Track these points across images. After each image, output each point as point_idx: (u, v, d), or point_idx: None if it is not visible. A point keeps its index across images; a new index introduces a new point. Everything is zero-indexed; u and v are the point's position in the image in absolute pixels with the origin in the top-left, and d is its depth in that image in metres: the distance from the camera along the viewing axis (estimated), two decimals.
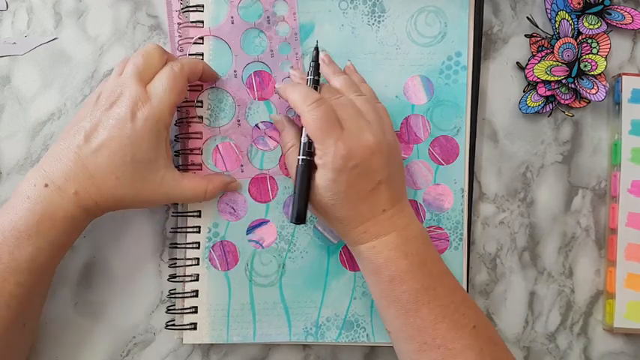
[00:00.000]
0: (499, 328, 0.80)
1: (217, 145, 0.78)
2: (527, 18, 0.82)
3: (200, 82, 0.78)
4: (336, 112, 0.69)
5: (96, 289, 0.79)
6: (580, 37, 0.80)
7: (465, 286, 0.78)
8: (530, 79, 0.80)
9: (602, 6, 0.81)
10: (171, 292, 0.78)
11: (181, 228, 0.78)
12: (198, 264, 0.77)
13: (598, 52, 0.80)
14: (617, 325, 0.78)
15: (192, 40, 0.78)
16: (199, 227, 0.77)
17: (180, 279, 0.77)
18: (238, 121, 0.78)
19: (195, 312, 0.77)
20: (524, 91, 0.81)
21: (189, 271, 0.77)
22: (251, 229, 0.78)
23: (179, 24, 0.78)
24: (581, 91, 0.79)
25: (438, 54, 0.79)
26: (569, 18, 0.80)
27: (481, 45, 0.80)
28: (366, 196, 0.68)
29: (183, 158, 0.78)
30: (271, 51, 0.79)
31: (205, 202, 0.77)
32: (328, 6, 0.79)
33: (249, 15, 0.78)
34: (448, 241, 0.78)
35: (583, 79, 0.80)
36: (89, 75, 0.80)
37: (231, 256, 0.77)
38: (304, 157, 0.70)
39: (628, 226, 0.78)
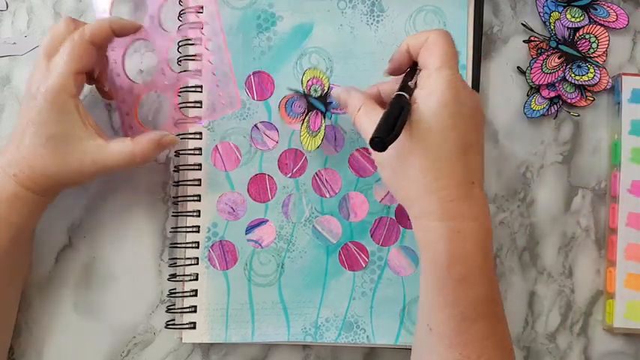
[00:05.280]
0: None
1: (216, 145, 0.78)
2: (522, 24, 0.82)
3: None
4: None
5: (96, 289, 0.79)
6: (578, 34, 0.80)
7: None
8: (537, 82, 0.80)
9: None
10: (171, 291, 0.78)
11: (181, 228, 0.78)
12: (197, 263, 0.77)
13: (598, 46, 0.80)
14: (617, 325, 0.77)
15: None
16: (199, 227, 0.78)
17: (180, 278, 0.77)
18: (162, 69, 0.77)
19: (195, 311, 0.77)
20: (527, 95, 0.81)
21: (189, 270, 0.77)
22: (250, 229, 0.78)
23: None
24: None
25: None
26: (558, 13, 0.81)
27: (481, 44, 0.80)
28: (463, 150, 0.61)
29: (183, 158, 0.79)
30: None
31: (204, 202, 0.77)
32: (327, 6, 0.79)
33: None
34: None
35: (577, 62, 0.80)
36: None
37: (230, 256, 0.77)
38: (403, 93, 0.62)
39: (628, 226, 0.78)
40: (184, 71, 0.76)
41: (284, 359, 0.80)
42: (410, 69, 0.67)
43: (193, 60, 0.77)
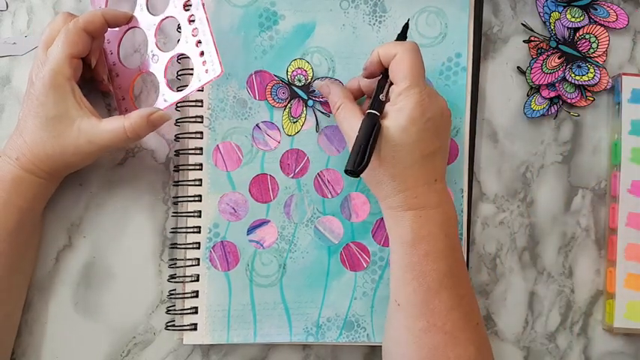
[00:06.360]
0: (499, 328, 0.80)
1: (218, 145, 0.78)
2: (522, 24, 0.82)
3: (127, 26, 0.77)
4: None
5: (96, 289, 0.79)
6: (578, 34, 0.81)
7: None
8: (537, 82, 0.80)
9: None
10: (171, 292, 0.78)
11: (181, 228, 0.78)
12: (198, 264, 0.77)
13: (598, 46, 0.80)
14: (617, 325, 0.78)
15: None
16: (199, 227, 0.77)
17: (180, 279, 0.77)
18: (152, 51, 0.76)
19: (196, 312, 0.77)
20: (527, 95, 0.81)
21: (190, 271, 0.77)
22: (252, 230, 0.78)
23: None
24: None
25: (438, 55, 0.79)
26: (558, 13, 0.81)
27: (481, 46, 0.80)
28: (426, 158, 0.69)
29: (183, 158, 0.78)
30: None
31: (205, 202, 0.77)
32: (329, 5, 0.79)
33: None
34: None
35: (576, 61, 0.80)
36: None
37: (232, 257, 0.77)
38: (375, 112, 0.69)
39: (628, 226, 0.79)
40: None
41: (284, 359, 0.80)
42: (382, 75, 0.72)
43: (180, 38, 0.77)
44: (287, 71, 0.78)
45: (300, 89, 0.78)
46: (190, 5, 0.73)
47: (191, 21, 0.73)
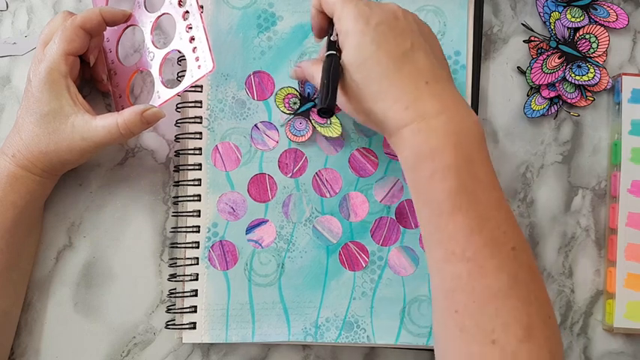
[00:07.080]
0: None
1: (216, 145, 0.78)
2: (522, 24, 0.82)
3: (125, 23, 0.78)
4: None
5: (96, 289, 0.79)
6: (578, 34, 0.81)
7: None
8: (537, 82, 0.80)
9: None
10: (171, 291, 0.78)
11: (181, 228, 0.78)
12: (197, 263, 0.77)
13: (598, 46, 0.80)
14: (617, 325, 0.77)
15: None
16: (199, 227, 0.77)
17: (180, 279, 0.77)
18: (148, 48, 0.77)
19: (195, 311, 0.77)
20: (527, 95, 0.81)
21: (189, 270, 0.77)
22: (250, 229, 0.78)
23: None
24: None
25: None
26: (558, 13, 0.81)
27: (481, 44, 0.80)
28: (399, 61, 0.62)
29: (183, 158, 0.79)
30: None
31: (205, 202, 0.77)
32: None
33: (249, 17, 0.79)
34: None
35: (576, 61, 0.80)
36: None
37: (231, 256, 0.77)
38: (330, 52, 0.64)
39: (628, 226, 0.78)
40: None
41: (284, 359, 0.80)
42: (330, 22, 0.68)
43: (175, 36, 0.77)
44: (280, 107, 0.78)
45: (304, 107, 0.78)
46: (185, 1, 0.73)
47: (185, 17, 0.73)
